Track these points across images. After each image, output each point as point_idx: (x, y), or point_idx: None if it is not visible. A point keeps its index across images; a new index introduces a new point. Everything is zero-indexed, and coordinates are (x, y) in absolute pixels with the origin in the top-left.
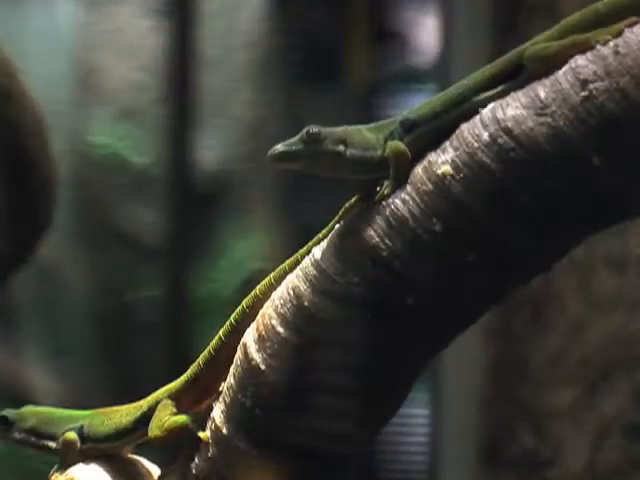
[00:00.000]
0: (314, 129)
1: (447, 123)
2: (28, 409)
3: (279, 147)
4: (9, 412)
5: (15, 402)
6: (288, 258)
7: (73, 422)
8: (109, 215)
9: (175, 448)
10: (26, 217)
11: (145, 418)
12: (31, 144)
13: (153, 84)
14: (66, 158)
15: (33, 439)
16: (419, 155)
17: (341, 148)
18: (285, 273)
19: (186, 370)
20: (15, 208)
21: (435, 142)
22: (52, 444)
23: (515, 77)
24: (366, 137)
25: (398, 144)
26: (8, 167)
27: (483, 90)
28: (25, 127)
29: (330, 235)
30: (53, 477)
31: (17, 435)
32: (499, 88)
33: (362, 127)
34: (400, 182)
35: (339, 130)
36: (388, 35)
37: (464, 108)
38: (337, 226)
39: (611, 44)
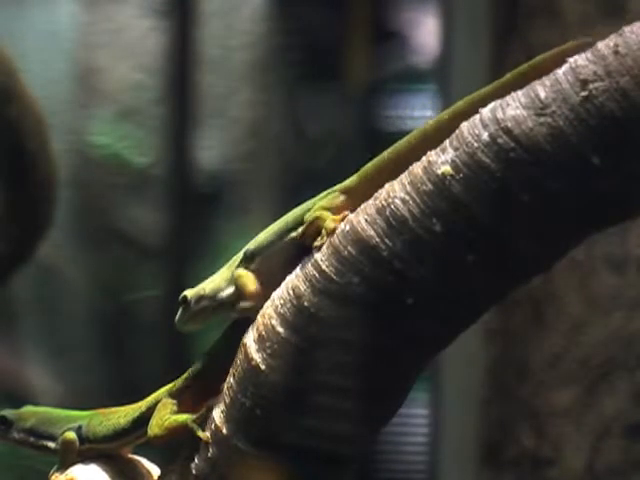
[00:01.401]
0: (182, 295)
1: (277, 252)
2: (28, 409)
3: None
4: (9, 412)
5: (15, 402)
6: None
7: (72, 422)
8: (109, 215)
9: (175, 448)
10: (26, 217)
11: (143, 419)
12: (31, 144)
13: (153, 84)
14: (66, 158)
15: (32, 439)
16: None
17: (196, 308)
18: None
19: (186, 370)
20: (15, 208)
21: (278, 269)
22: (51, 444)
23: None
24: (217, 282)
25: (240, 271)
26: (8, 167)
27: (295, 229)
28: (25, 127)
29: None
30: (53, 477)
31: (16, 435)
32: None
33: (222, 269)
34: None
35: (200, 286)
36: (388, 35)
37: (284, 242)
38: (338, 227)
39: (611, 44)
